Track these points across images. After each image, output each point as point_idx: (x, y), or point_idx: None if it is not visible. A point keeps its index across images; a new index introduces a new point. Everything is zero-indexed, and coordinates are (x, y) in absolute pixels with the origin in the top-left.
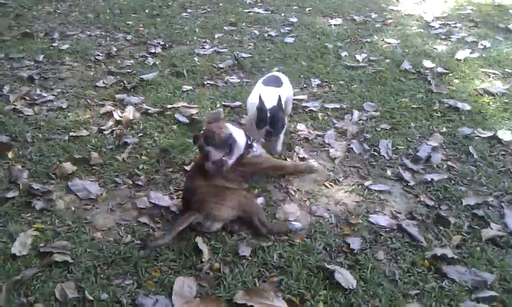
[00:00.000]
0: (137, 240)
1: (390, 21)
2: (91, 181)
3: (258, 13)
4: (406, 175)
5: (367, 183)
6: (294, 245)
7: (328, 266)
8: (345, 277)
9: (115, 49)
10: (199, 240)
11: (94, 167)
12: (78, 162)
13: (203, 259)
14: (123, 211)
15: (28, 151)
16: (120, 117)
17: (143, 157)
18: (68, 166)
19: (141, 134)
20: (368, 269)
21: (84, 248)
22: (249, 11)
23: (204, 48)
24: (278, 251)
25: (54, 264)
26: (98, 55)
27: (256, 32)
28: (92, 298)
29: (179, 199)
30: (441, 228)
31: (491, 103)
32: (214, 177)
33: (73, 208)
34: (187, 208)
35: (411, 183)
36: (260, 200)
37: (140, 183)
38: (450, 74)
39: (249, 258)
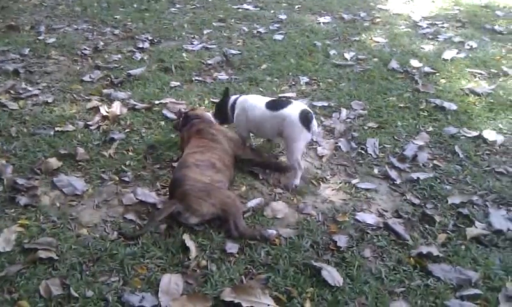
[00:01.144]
0: (119, 234)
1: (378, 20)
2: (77, 177)
3: (247, 9)
4: (393, 174)
5: (354, 181)
6: (281, 243)
7: (315, 263)
8: (332, 275)
9: (102, 44)
10: (186, 237)
11: (80, 162)
12: (63, 158)
13: (190, 257)
14: (109, 207)
15: (12, 146)
16: (107, 112)
17: (130, 153)
18: (54, 162)
19: (128, 130)
20: (355, 267)
21: (69, 244)
22: (238, 8)
23: (193, 44)
24: (266, 248)
25: (38, 261)
26: (85, 49)
27: (245, 28)
28: (77, 295)
29: (166, 196)
30: (427, 226)
31: (476, 103)
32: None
33: (58, 204)
34: (171, 198)
35: (398, 181)
36: (257, 201)
37: (127, 179)
38: (437, 74)
39: (237, 255)
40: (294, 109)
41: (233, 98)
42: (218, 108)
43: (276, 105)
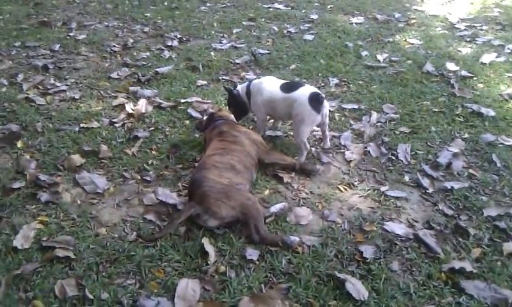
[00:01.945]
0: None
1: (413, 21)
2: (99, 174)
3: (278, 8)
4: (425, 182)
5: (383, 188)
6: (304, 251)
7: (339, 275)
8: (357, 288)
9: (132, 41)
10: (205, 241)
11: (103, 160)
12: (87, 155)
13: (208, 262)
14: (129, 207)
15: (37, 141)
16: (132, 110)
17: (153, 152)
18: (77, 158)
19: (152, 128)
20: (382, 280)
21: (87, 244)
22: (269, 7)
23: (221, 43)
24: (287, 256)
25: (55, 259)
26: (115, 46)
27: (275, 28)
28: (92, 297)
29: (187, 197)
30: (460, 239)
31: None
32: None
33: (79, 202)
34: (190, 199)
35: (430, 190)
36: (280, 206)
37: (148, 178)
38: (475, 78)
39: (257, 262)
40: (304, 91)
41: (245, 84)
42: (232, 102)
43: (288, 87)
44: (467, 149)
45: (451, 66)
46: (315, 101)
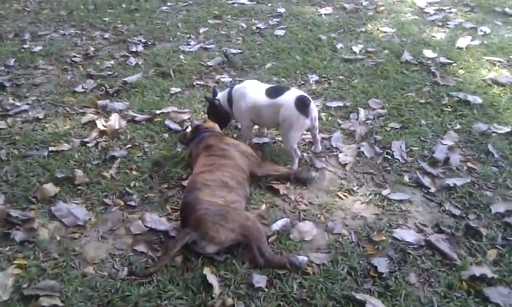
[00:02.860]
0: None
1: (382, 8)
2: (77, 204)
3: (243, 4)
4: (426, 181)
5: (384, 192)
6: (315, 272)
7: (357, 296)
8: None
9: (93, 49)
10: (207, 270)
11: (79, 187)
12: (61, 182)
13: (213, 295)
14: (115, 238)
15: (3, 171)
16: (104, 126)
17: (134, 172)
18: (50, 188)
19: (129, 146)
20: (402, 296)
21: (74, 287)
22: (233, 3)
23: (189, 44)
24: (298, 279)
25: None
26: (75, 56)
27: (243, 25)
28: None
29: (178, 220)
30: (474, 241)
31: (502, 94)
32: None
33: (58, 238)
34: (184, 224)
35: (432, 189)
36: (282, 223)
37: (133, 203)
38: (454, 64)
39: (266, 290)
40: (290, 95)
41: (226, 91)
42: (213, 111)
43: (273, 92)
44: (461, 141)
45: (428, 53)
46: (302, 104)
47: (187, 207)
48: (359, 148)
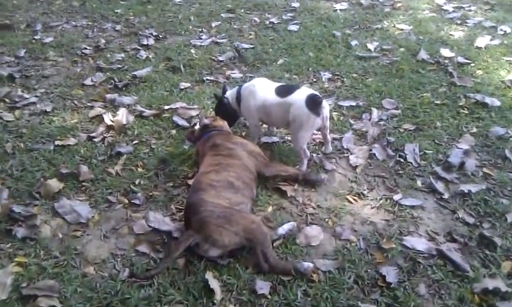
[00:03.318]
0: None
1: (399, 4)
2: (81, 201)
3: None
4: (439, 186)
5: (395, 197)
6: (320, 279)
7: (362, 306)
8: None
9: (104, 41)
10: (209, 275)
11: (84, 183)
12: (65, 178)
13: (215, 301)
14: (118, 237)
15: (8, 164)
16: (112, 121)
17: (139, 169)
18: (54, 183)
19: (136, 142)
20: None
21: (74, 287)
22: None
23: (201, 38)
24: (302, 287)
25: None
26: (85, 48)
27: (256, 19)
28: None
29: (182, 221)
30: (487, 252)
31: None
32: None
33: (60, 235)
34: (187, 226)
35: (446, 195)
36: (288, 227)
37: (137, 201)
38: (472, 64)
39: (269, 297)
40: (301, 94)
41: (234, 89)
42: (221, 109)
43: (284, 90)
44: (477, 145)
45: (446, 52)
46: (314, 103)
47: (190, 208)
48: (371, 150)
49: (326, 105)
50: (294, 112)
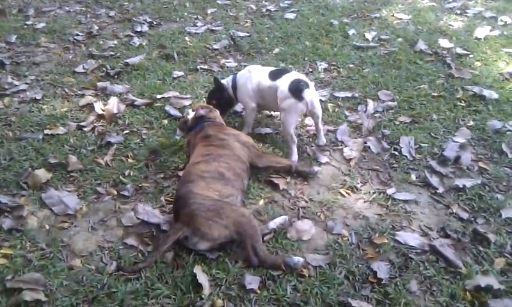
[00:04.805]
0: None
1: None
2: (69, 192)
3: None
4: (434, 180)
5: (389, 190)
6: (310, 274)
7: (353, 302)
8: None
9: (96, 28)
10: (198, 269)
11: (72, 173)
12: (54, 168)
13: (203, 295)
14: (106, 229)
15: None
16: (102, 110)
17: (129, 160)
18: (42, 174)
19: (126, 131)
20: (401, 305)
21: (60, 280)
22: None
23: (196, 25)
24: (292, 282)
25: (23, 304)
26: (78, 35)
27: (253, 6)
28: None
29: (171, 213)
30: (481, 248)
31: None
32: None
33: (47, 227)
34: (176, 218)
35: (440, 190)
36: (280, 221)
37: (126, 193)
38: (471, 55)
39: (258, 292)
40: (286, 78)
41: (229, 77)
42: (217, 94)
43: (274, 74)
44: (474, 138)
45: (444, 42)
46: (296, 89)
47: (179, 201)
48: (365, 143)
49: (311, 91)
50: (279, 96)
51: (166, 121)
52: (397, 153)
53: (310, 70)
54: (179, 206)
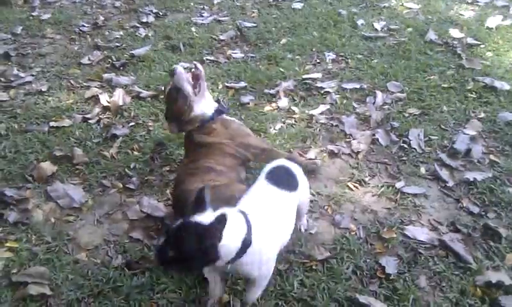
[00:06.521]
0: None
1: None
2: (75, 184)
3: None
4: (443, 173)
5: (398, 184)
6: (318, 269)
7: (360, 297)
8: None
9: (102, 18)
10: None
11: (78, 166)
12: (59, 161)
13: (208, 290)
14: (111, 223)
15: (1, 146)
16: (108, 102)
17: (135, 153)
18: (48, 166)
19: (132, 124)
20: (410, 301)
21: (65, 274)
22: None
23: (202, 16)
24: (299, 276)
25: (28, 298)
26: (84, 26)
27: None
28: None
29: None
30: (492, 243)
31: None
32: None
33: (53, 220)
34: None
35: (450, 183)
36: None
37: (132, 186)
38: (482, 46)
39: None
40: None
41: None
42: None
43: None
44: (484, 131)
45: (455, 32)
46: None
47: (176, 202)
48: (374, 135)
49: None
50: None
51: None
52: (406, 145)
53: (318, 61)
54: (178, 207)
